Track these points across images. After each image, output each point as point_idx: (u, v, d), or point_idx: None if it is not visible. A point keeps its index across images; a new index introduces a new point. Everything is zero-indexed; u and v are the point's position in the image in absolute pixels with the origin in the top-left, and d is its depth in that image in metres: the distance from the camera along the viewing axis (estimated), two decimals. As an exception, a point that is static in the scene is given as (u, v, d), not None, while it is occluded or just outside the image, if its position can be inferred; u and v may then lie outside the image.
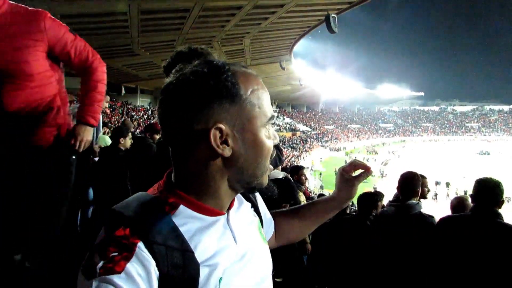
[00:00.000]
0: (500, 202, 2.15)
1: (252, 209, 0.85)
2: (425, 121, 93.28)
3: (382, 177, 35.26)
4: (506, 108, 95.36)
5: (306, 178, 4.52)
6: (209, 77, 0.62)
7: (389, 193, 5.83)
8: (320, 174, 35.21)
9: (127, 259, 0.54)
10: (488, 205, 2.14)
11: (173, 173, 0.70)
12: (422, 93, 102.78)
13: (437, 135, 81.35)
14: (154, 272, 0.55)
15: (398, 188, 2.69)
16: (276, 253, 0.90)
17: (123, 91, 31.81)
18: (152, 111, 32.91)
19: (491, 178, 2.21)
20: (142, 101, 35.72)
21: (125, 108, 29.79)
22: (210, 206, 0.67)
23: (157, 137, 4.44)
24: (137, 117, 28.32)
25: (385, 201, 4.54)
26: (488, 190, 2.16)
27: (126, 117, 25.65)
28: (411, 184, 2.60)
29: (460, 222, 2.30)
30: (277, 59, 27.01)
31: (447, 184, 30.66)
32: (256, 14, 15.51)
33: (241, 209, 0.78)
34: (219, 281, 0.62)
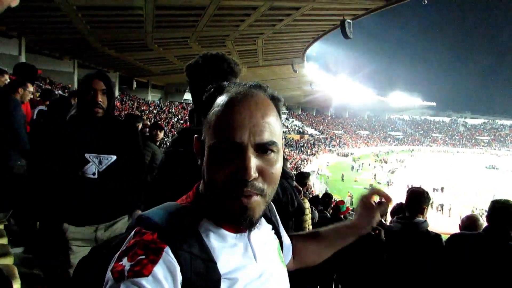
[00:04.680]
0: None
1: (273, 231, 0.84)
2: (435, 131, 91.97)
3: (388, 185, 34.94)
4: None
5: (305, 186, 4.33)
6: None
7: (394, 201, 5.76)
8: (327, 177, 35.01)
9: (154, 262, 0.55)
10: (502, 226, 2.12)
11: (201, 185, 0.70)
12: (433, 104, 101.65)
13: (446, 146, 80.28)
14: (179, 277, 0.56)
15: (405, 204, 2.64)
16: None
17: (135, 85, 32.02)
18: (161, 107, 33.05)
19: (507, 200, 2.19)
20: (153, 96, 35.94)
21: (136, 102, 29.98)
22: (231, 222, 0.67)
23: (161, 134, 4.47)
24: (147, 112, 28.49)
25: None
26: (503, 211, 2.13)
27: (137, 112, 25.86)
28: (419, 201, 2.55)
29: (471, 240, 2.26)
30: (289, 61, 27.00)
31: (442, 189, 31.90)
32: (271, 16, 15.52)
33: (262, 229, 0.77)
34: None
